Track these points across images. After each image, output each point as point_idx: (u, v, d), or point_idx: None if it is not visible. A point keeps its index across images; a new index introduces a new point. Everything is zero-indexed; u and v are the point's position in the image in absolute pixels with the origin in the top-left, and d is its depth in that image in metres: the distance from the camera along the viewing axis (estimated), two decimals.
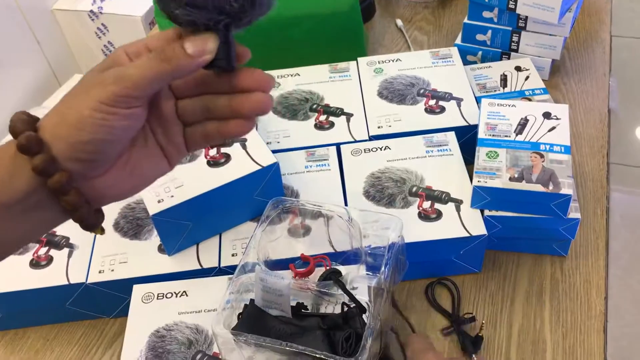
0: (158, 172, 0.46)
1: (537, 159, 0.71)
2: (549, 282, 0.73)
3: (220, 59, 0.41)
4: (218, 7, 0.39)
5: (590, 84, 0.98)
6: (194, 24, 0.40)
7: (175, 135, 0.45)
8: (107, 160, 0.41)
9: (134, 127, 0.41)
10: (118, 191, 0.43)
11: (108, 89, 0.39)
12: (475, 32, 0.98)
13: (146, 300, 0.68)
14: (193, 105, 0.45)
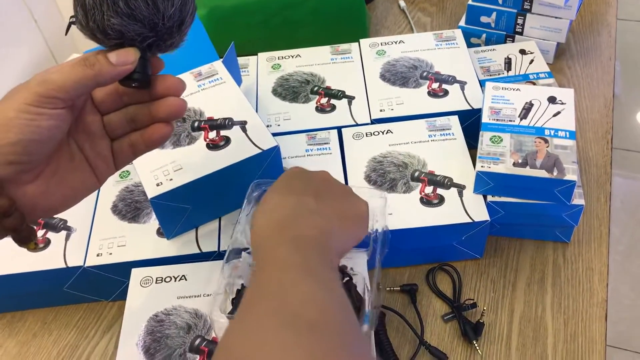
0: (87, 187, 0.48)
1: (541, 144, 0.70)
2: (551, 268, 0.73)
3: (137, 73, 0.44)
4: (151, 24, 0.42)
5: (595, 68, 0.97)
6: (121, 36, 0.43)
7: (103, 149, 0.48)
8: (35, 162, 0.42)
9: (59, 128, 0.43)
10: (49, 202, 0.44)
11: (32, 90, 0.41)
12: (480, 14, 0.96)
13: (145, 284, 0.67)
14: (118, 118, 0.48)
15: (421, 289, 0.72)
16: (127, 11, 0.41)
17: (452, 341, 0.67)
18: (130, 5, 0.41)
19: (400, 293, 0.71)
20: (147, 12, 0.42)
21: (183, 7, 0.44)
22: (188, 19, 0.45)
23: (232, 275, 0.61)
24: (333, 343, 0.33)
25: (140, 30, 0.43)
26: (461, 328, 0.67)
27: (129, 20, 0.42)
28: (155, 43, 0.44)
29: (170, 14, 0.43)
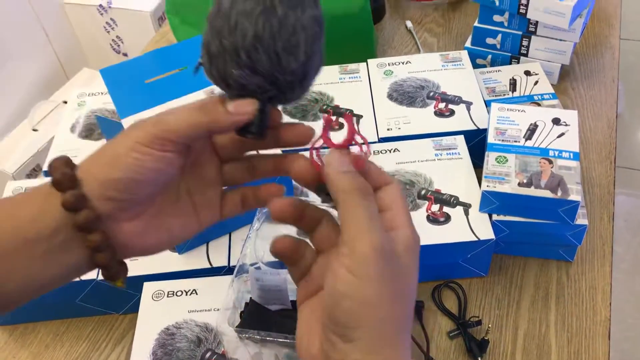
0: (186, 232, 0.45)
1: (546, 165, 0.71)
2: (554, 287, 0.74)
3: (254, 125, 0.42)
4: (272, 78, 0.40)
5: (599, 89, 0.98)
6: (243, 89, 0.41)
7: (213, 197, 0.45)
8: (136, 202, 0.41)
9: (165, 172, 0.41)
10: (143, 243, 0.42)
11: (146, 129, 0.40)
12: (485, 36, 0.98)
13: (156, 297, 0.68)
14: (238, 166, 0.46)
15: (427, 305, 0.73)
16: (248, 63, 0.39)
17: (458, 358, 0.68)
18: (252, 58, 0.39)
19: None
20: (269, 66, 0.40)
21: (308, 62, 0.41)
22: (311, 73, 0.42)
23: (241, 290, 0.63)
24: None
25: (261, 83, 0.40)
26: (466, 345, 0.68)
27: (250, 72, 0.40)
28: (275, 96, 0.42)
29: (292, 69, 0.40)
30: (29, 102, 1.79)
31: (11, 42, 1.76)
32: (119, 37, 1.94)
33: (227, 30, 0.40)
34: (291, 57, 0.40)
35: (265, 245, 0.66)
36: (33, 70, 1.86)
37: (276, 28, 0.39)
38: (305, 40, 0.40)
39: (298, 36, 0.40)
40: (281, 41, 0.39)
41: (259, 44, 0.39)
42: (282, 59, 0.40)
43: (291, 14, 0.40)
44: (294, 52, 0.40)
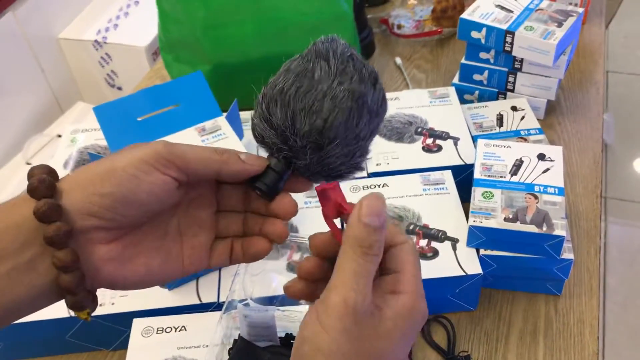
0: (166, 273, 0.42)
1: (531, 200, 0.72)
2: (543, 321, 0.75)
3: (264, 184, 0.42)
4: (283, 136, 0.40)
5: (585, 124, 1.00)
6: (262, 140, 0.41)
7: (203, 244, 0.43)
8: (118, 224, 0.38)
9: (159, 199, 0.39)
10: (115, 272, 0.39)
11: (153, 148, 0.38)
12: (472, 72, 1.00)
13: (146, 334, 0.68)
14: (235, 218, 0.45)
15: (416, 340, 0.73)
16: (265, 115, 0.40)
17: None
18: (269, 110, 0.40)
19: None
20: (281, 122, 0.39)
21: (325, 132, 0.39)
22: (331, 148, 0.40)
23: (230, 327, 0.63)
24: None
25: (274, 139, 0.40)
26: None
27: (266, 124, 0.40)
28: (290, 159, 0.41)
29: (303, 132, 0.39)
30: (23, 135, 1.80)
31: (6, 76, 1.77)
32: (114, 72, 1.96)
33: (270, 80, 0.41)
34: (306, 121, 0.39)
35: (255, 281, 0.67)
36: (28, 104, 1.88)
37: (303, 89, 0.39)
38: (330, 110, 0.39)
39: (322, 103, 0.39)
40: (302, 102, 0.39)
41: (279, 97, 0.40)
42: (296, 120, 0.39)
43: (325, 81, 0.40)
44: (311, 116, 0.39)
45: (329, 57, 0.40)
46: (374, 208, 0.38)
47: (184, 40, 1.00)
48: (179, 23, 0.99)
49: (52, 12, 1.91)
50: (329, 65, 0.40)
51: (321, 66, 0.40)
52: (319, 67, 0.40)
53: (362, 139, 0.41)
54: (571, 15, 0.95)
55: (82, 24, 1.97)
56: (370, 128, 0.41)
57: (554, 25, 0.93)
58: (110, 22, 1.95)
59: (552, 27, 0.92)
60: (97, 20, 1.97)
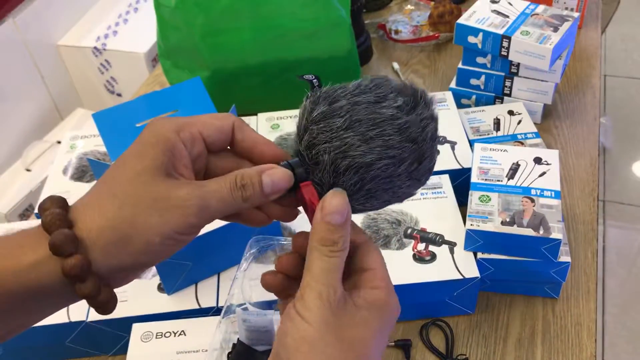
0: (169, 254, 0.44)
1: (528, 204, 0.73)
2: (540, 324, 0.75)
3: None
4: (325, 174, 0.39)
5: (582, 127, 1.01)
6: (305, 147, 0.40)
7: None
8: (144, 271, 0.41)
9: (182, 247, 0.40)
10: (134, 277, 0.42)
11: (189, 220, 0.37)
12: (469, 77, 1.01)
13: (145, 339, 0.69)
14: None
15: (415, 343, 0.74)
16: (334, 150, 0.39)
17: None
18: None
19: (395, 348, 0.73)
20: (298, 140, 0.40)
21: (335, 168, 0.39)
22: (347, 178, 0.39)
23: (229, 331, 0.64)
24: None
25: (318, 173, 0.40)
26: None
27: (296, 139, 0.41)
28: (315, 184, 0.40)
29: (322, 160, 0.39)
30: (22, 142, 1.81)
31: (6, 83, 1.78)
32: (113, 78, 1.97)
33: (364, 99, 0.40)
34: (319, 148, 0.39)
35: (253, 285, 0.67)
36: (27, 111, 1.88)
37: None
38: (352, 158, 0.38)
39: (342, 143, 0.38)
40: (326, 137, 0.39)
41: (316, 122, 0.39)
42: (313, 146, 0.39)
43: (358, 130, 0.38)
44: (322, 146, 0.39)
45: (422, 162, 0.40)
46: (334, 206, 0.38)
47: (183, 47, 1.01)
48: (177, 30, 0.99)
49: (52, 19, 1.92)
50: (417, 168, 0.40)
51: (411, 163, 0.40)
52: (409, 164, 0.39)
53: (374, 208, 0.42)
54: (567, 19, 0.95)
55: (82, 30, 1.98)
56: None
57: (549, 29, 0.93)
58: (109, 29, 1.96)
59: (548, 31, 0.93)
60: (97, 27, 1.98)
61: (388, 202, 0.41)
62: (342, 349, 0.37)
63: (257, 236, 0.68)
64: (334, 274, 0.38)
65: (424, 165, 0.41)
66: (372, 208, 0.41)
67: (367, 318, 0.38)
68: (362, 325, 0.38)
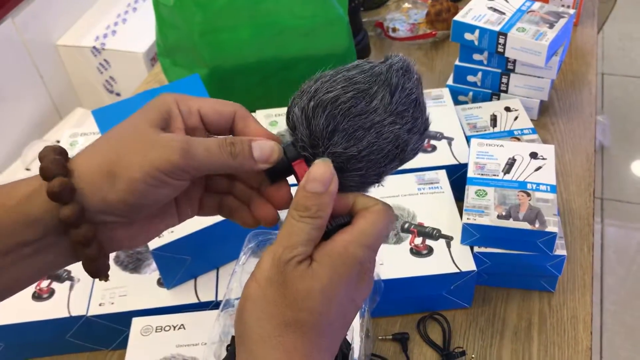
0: (168, 226, 0.45)
1: (524, 198, 0.73)
2: (537, 317, 0.75)
3: (277, 173, 0.42)
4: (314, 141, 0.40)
5: (578, 124, 1.01)
6: (292, 128, 0.41)
7: (194, 197, 0.45)
8: (134, 218, 0.41)
9: (172, 196, 0.41)
10: (130, 242, 0.42)
11: (172, 158, 0.38)
12: (466, 74, 1.01)
13: (145, 333, 0.69)
14: (223, 179, 0.46)
15: (412, 337, 0.74)
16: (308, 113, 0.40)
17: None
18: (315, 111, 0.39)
19: (392, 342, 0.74)
20: (319, 129, 0.39)
21: (352, 161, 0.40)
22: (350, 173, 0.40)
23: (227, 324, 0.64)
24: None
25: (304, 137, 0.40)
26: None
27: (304, 121, 0.40)
28: (308, 159, 0.41)
29: (334, 150, 0.39)
30: (22, 141, 1.81)
31: (5, 83, 1.79)
32: (112, 78, 1.98)
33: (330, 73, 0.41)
34: (342, 142, 0.39)
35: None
36: (27, 111, 1.89)
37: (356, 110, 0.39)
38: (369, 145, 0.39)
39: (365, 134, 0.39)
40: (347, 122, 0.39)
41: (330, 106, 0.39)
42: (334, 136, 0.39)
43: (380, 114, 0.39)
44: (348, 140, 0.39)
45: (395, 92, 0.39)
46: (315, 173, 0.39)
47: (181, 45, 1.01)
48: (176, 28, 1.00)
49: (51, 19, 1.92)
50: (391, 100, 0.39)
51: (383, 96, 0.39)
52: (381, 97, 0.39)
53: (382, 174, 0.42)
54: (562, 16, 0.96)
55: (81, 30, 1.98)
56: (394, 168, 0.42)
57: (545, 26, 0.94)
58: (108, 29, 1.97)
59: (544, 28, 0.94)
60: (96, 26, 1.98)
61: (378, 146, 0.40)
62: (284, 304, 0.37)
63: (255, 230, 0.69)
64: (296, 237, 0.38)
65: (400, 97, 0.40)
66: (365, 154, 0.40)
67: (315, 270, 0.38)
68: (309, 278, 0.37)
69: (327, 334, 0.38)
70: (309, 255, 0.38)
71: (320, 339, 0.38)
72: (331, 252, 0.38)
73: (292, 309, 0.37)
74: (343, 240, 0.39)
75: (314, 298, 0.37)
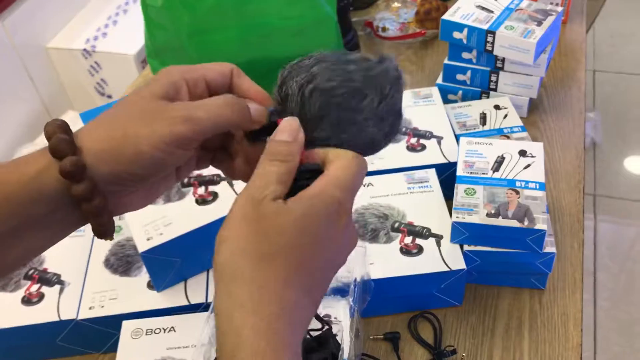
0: (168, 187, 0.47)
1: (512, 196, 0.74)
2: (527, 314, 0.76)
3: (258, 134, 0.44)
4: (302, 119, 0.42)
5: (567, 121, 1.02)
6: (283, 98, 0.43)
7: (193, 156, 0.46)
8: (142, 187, 0.42)
9: (179, 164, 0.43)
10: (135, 205, 0.44)
11: (176, 129, 0.39)
12: (456, 72, 1.01)
13: (135, 335, 0.69)
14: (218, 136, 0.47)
15: (404, 336, 0.74)
16: (305, 94, 0.42)
17: None
18: (312, 94, 0.42)
19: (384, 341, 0.74)
20: (310, 113, 0.42)
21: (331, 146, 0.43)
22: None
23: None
24: None
25: (294, 111, 0.42)
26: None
27: (300, 99, 0.42)
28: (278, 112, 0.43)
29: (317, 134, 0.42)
30: (13, 145, 1.80)
31: None
32: (104, 80, 1.97)
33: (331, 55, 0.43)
34: (328, 129, 0.42)
35: None
36: (18, 114, 1.88)
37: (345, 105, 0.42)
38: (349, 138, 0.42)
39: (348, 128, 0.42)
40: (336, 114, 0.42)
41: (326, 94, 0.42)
42: (322, 123, 0.42)
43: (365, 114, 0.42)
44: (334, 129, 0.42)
45: (383, 98, 0.43)
46: (283, 128, 0.41)
47: (170, 46, 1.01)
48: (164, 29, 1.00)
49: (41, 21, 1.92)
50: (378, 105, 0.43)
51: (372, 99, 0.42)
52: (370, 99, 0.42)
53: None
54: (550, 14, 0.96)
55: (71, 33, 1.98)
56: None
57: (533, 24, 0.94)
58: (99, 31, 1.96)
59: (532, 26, 0.94)
60: (86, 29, 1.98)
61: (355, 142, 0.43)
62: (257, 239, 0.37)
63: None
64: (268, 177, 0.39)
65: (387, 105, 0.43)
66: (343, 141, 0.42)
67: (290, 206, 0.38)
68: (284, 213, 0.37)
69: (304, 271, 0.38)
70: (281, 195, 0.39)
71: (296, 276, 0.37)
72: (306, 194, 0.39)
73: (265, 243, 0.37)
74: (318, 185, 0.39)
75: (288, 232, 0.37)
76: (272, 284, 0.37)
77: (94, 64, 1.93)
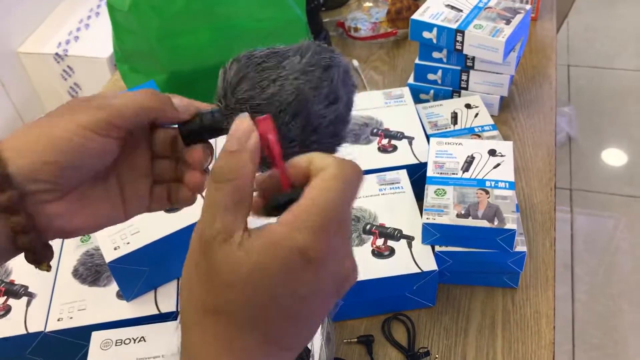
0: (110, 219, 0.44)
1: (482, 195, 0.74)
2: (500, 313, 0.76)
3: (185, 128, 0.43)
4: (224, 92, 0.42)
5: (538, 118, 1.02)
6: None
7: (142, 190, 0.45)
8: (65, 186, 0.40)
9: (103, 158, 0.41)
10: (67, 225, 0.41)
11: (91, 113, 0.39)
12: (427, 72, 1.01)
13: (105, 347, 0.68)
14: (170, 163, 0.46)
15: (378, 339, 0.74)
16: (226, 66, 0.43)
17: None
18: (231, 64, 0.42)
19: (358, 345, 0.74)
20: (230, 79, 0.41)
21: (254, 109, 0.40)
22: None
23: None
24: None
25: (219, 90, 0.42)
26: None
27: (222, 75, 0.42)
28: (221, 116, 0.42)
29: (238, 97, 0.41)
30: None
31: None
32: (77, 84, 1.95)
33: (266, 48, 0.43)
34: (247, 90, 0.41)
35: None
36: None
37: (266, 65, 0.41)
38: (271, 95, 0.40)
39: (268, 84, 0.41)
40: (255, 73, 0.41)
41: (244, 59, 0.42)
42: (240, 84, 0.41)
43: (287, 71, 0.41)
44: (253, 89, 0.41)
45: (305, 54, 0.42)
46: (230, 132, 0.36)
47: (139, 50, 1.00)
48: (132, 33, 0.99)
49: (11, 25, 1.89)
50: (300, 61, 0.41)
51: (294, 58, 0.42)
52: (292, 59, 0.42)
53: (291, 140, 0.41)
54: (519, 12, 0.97)
55: (42, 36, 1.95)
56: (301, 136, 0.41)
57: (502, 22, 0.94)
58: (70, 35, 1.94)
59: (501, 24, 0.94)
60: (57, 32, 1.95)
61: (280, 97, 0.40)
62: (204, 289, 0.34)
63: None
64: (213, 208, 0.34)
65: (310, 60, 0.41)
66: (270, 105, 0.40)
67: (241, 257, 0.32)
68: (233, 263, 0.33)
69: (259, 327, 0.34)
70: (234, 229, 0.33)
71: (251, 331, 0.34)
72: (265, 234, 0.33)
73: (212, 295, 0.34)
74: (281, 222, 0.33)
75: (237, 287, 0.33)
76: (221, 337, 0.34)
77: (67, 68, 1.91)
